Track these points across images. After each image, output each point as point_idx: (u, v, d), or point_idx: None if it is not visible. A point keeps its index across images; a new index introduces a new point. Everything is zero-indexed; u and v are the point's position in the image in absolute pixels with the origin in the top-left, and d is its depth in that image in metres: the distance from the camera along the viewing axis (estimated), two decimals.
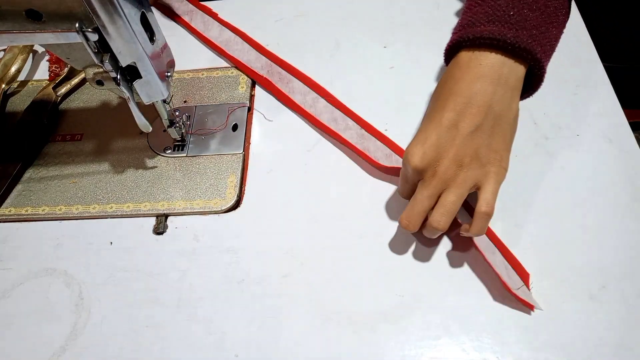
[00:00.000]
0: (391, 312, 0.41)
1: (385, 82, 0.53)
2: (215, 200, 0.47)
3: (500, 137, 0.39)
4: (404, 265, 0.43)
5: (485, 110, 0.38)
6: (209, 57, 0.58)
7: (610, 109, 0.49)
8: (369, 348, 0.40)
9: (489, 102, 0.38)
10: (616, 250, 0.42)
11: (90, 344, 0.42)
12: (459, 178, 0.39)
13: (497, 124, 0.39)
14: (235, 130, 0.52)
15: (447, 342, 0.39)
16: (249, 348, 0.40)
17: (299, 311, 0.42)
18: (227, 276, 0.44)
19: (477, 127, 0.39)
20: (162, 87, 0.42)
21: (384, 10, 0.59)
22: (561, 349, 0.38)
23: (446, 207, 0.39)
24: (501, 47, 0.39)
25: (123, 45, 0.38)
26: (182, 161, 0.50)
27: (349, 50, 0.57)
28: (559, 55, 0.52)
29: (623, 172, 0.45)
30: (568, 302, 0.40)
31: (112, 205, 0.48)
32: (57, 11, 0.36)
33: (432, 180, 0.39)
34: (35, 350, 0.42)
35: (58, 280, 0.45)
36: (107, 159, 0.51)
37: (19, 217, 0.48)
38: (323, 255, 0.44)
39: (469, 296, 0.41)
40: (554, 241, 0.43)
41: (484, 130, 0.39)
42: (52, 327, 0.43)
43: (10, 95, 0.57)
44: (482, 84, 0.39)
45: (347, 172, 0.48)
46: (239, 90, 0.54)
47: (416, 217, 0.40)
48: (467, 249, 0.43)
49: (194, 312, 0.42)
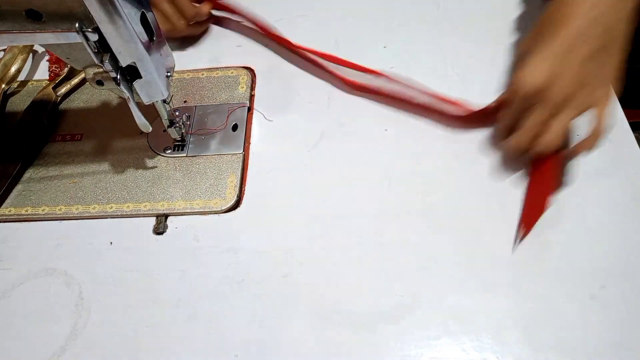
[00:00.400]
0: (391, 312, 0.41)
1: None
2: (215, 200, 0.47)
3: (614, 59, 0.40)
4: (404, 265, 0.43)
5: (603, 33, 0.39)
6: (209, 57, 0.58)
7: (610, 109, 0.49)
8: (368, 348, 0.40)
9: (608, 24, 0.39)
10: (616, 250, 0.42)
11: (90, 344, 0.42)
12: (578, 99, 0.40)
13: (613, 45, 0.40)
14: (235, 130, 0.52)
15: (447, 342, 0.39)
16: (249, 348, 0.40)
17: (299, 311, 0.42)
18: (227, 276, 0.44)
19: (597, 50, 0.40)
20: (162, 87, 0.42)
21: (384, 10, 0.59)
22: (561, 349, 0.38)
23: (563, 128, 0.40)
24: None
25: (123, 45, 0.38)
26: (182, 161, 0.50)
27: (349, 50, 0.56)
28: None
29: (623, 172, 0.45)
30: (568, 302, 0.40)
31: (112, 205, 0.48)
32: (57, 11, 0.36)
33: (549, 102, 0.40)
34: (35, 350, 0.42)
35: (58, 280, 0.45)
36: (107, 159, 0.51)
37: (19, 217, 0.48)
38: (323, 255, 0.44)
39: (469, 296, 0.41)
40: (554, 241, 0.43)
41: (602, 53, 0.40)
42: (52, 327, 0.43)
43: (10, 95, 0.57)
44: (600, 7, 0.40)
45: (347, 171, 0.48)
46: (239, 90, 0.54)
47: (527, 140, 0.41)
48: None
49: (194, 312, 0.42)
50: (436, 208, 0.45)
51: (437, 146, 0.49)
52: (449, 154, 0.48)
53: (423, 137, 0.49)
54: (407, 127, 0.50)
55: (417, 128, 0.50)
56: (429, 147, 0.49)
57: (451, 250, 0.43)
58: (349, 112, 0.52)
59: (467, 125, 0.49)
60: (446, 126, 0.49)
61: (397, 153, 0.49)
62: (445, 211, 0.45)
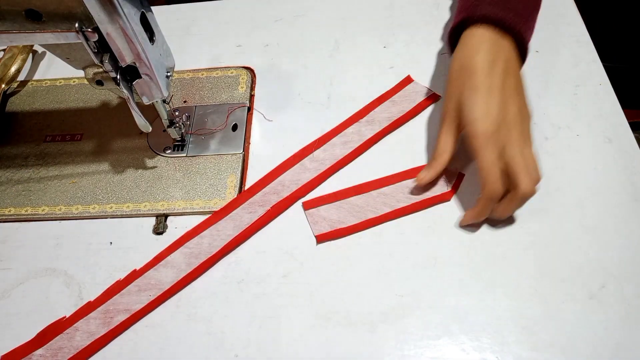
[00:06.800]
0: (391, 312, 0.41)
1: (385, 82, 0.53)
2: (215, 200, 0.47)
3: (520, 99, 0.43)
4: (404, 265, 0.43)
5: (505, 72, 0.42)
6: (209, 57, 0.58)
7: (610, 109, 0.49)
8: (368, 348, 0.40)
9: (505, 67, 0.42)
10: (616, 250, 0.42)
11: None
12: (520, 133, 0.41)
13: (518, 86, 0.43)
14: (235, 130, 0.52)
15: (447, 342, 0.39)
16: (249, 348, 0.40)
17: (299, 311, 0.42)
18: (227, 276, 0.44)
19: (510, 87, 0.42)
20: (162, 87, 0.42)
21: (384, 10, 0.59)
22: (561, 349, 0.38)
23: (532, 163, 0.41)
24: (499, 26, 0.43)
25: (123, 45, 0.38)
26: (182, 161, 0.50)
27: (348, 50, 0.57)
28: (559, 56, 0.53)
29: (623, 172, 0.45)
30: (568, 302, 0.40)
31: (111, 205, 0.48)
32: (57, 11, 0.36)
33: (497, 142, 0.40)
34: None
35: (58, 280, 0.45)
36: (107, 159, 0.51)
37: (19, 217, 0.48)
38: (323, 255, 0.44)
39: (469, 296, 0.41)
40: (554, 241, 0.43)
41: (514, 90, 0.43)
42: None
43: (10, 95, 0.57)
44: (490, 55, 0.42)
45: (347, 171, 0.48)
46: (239, 90, 0.54)
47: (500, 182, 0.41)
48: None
49: (194, 312, 0.42)
50: (436, 208, 0.45)
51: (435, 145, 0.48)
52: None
53: (421, 136, 0.49)
54: (406, 128, 0.50)
55: (414, 128, 0.50)
56: (427, 145, 0.49)
57: (451, 250, 0.43)
58: (349, 112, 0.52)
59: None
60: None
61: (398, 154, 0.49)
62: (445, 211, 0.45)
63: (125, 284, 0.43)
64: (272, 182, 0.48)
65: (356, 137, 0.49)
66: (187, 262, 0.44)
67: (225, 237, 0.45)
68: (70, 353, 0.41)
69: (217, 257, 0.44)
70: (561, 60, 0.52)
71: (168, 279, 0.43)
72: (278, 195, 0.47)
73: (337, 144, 0.49)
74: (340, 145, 0.49)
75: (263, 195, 0.47)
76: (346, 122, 0.51)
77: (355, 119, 0.51)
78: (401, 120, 0.50)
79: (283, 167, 0.48)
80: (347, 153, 0.48)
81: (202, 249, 0.44)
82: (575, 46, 0.53)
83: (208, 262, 0.44)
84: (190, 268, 0.43)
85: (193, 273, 0.43)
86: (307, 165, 0.48)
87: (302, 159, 0.49)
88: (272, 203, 0.46)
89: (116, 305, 0.42)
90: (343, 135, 0.50)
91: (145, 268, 0.44)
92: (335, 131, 0.50)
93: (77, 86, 0.57)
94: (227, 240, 0.45)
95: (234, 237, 0.45)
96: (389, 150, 0.49)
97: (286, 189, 0.47)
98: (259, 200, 0.47)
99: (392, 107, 0.51)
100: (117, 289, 0.43)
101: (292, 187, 0.47)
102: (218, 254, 0.44)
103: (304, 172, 0.48)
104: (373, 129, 0.50)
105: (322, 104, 0.53)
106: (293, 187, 0.47)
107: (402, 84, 0.52)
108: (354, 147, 0.49)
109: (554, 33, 0.54)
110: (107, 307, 0.42)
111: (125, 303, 0.42)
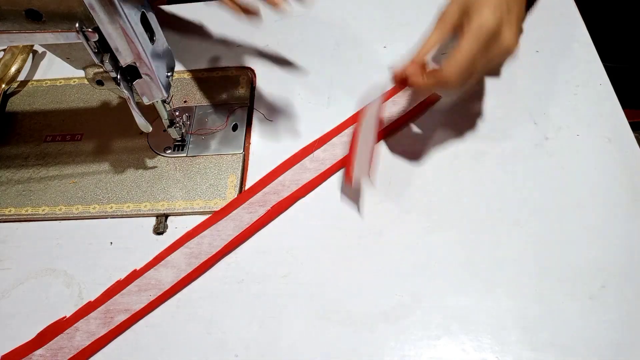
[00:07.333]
0: (391, 312, 0.41)
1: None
2: (215, 200, 0.47)
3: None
4: (404, 265, 0.43)
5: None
6: (209, 57, 0.58)
7: (610, 109, 0.49)
8: (368, 348, 0.40)
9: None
10: (616, 250, 0.42)
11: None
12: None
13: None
14: (235, 130, 0.52)
15: (447, 342, 0.39)
16: (249, 348, 0.40)
17: (299, 311, 0.42)
18: (227, 276, 0.44)
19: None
20: (162, 87, 0.42)
21: (384, 10, 0.59)
22: (561, 349, 0.38)
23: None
24: None
25: (123, 45, 0.38)
26: (182, 161, 0.50)
27: (349, 50, 0.57)
28: (559, 56, 0.53)
29: (623, 172, 0.45)
30: (568, 302, 0.40)
31: (112, 205, 0.48)
32: (57, 11, 0.36)
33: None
34: None
35: (58, 280, 0.45)
36: (107, 159, 0.51)
37: (19, 217, 0.48)
38: (323, 255, 0.44)
39: (469, 296, 0.41)
40: (554, 241, 0.43)
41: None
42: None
43: (10, 95, 0.57)
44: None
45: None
46: (239, 90, 0.54)
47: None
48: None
49: (194, 312, 0.42)
50: (436, 208, 0.45)
51: (437, 146, 0.49)
52: (449, 153, 0.48)
53: (422, 136, 0.49)
54: (406, 128, 0.50)
55: (417, 127, 0.50)
56: (429, 146, 0.49)
57: (451, 250, 0.43)
58: (349, 112, 0.52)
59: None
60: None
61: (397, 154, 0.49)
62: (445, 211, 0.45)
63: (125, 284, 0.43)
64: (272, 182, 0.48)
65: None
66: (188, 262, 0.44)
67: (225, 237, 0.45)
68: (71, 353, 0.41)
69: (218, 257, 0.44)
70: (561, 60, 0.52)
71: (168, 279, 0.43)
72: (278, 195, 0.47)
73: (337, 144, 0.49)
74: (340, 145, 0.49)
75: (263, 195, 0.47)
76: (346, 122, 0.51)
77: (355, 119, 0.51)
78: (401, 120, 0.50)
79: (283, 167, 0.48)
80: (347, 153, 0.48)
81: (202, 249, 0.44)
82: (575, 46, 0.53)
83: (208, 262, 0.44)
84: (191, 268, 0.44)
85: (193, 273, 0.43)
86: (307, 165, 0.48)
87: (302, 159, 0.49)
88: (272, 203, 0.46)
89: (116, 305, 0.42)
90: (343, 135, 0.50)
91: (146, 268, 0.44)
92: (335, 131, 0.50)
93: (77, 86, 0.57)
94: (227, 240, 0.45)
95: (234, 237, 0.45)
96: (389, 150, 0.49)
97: (286, 189, 0.47)
98: (259, 200, 0.47)
99: (393, 107, 0.51)
100: (117, 289, 0.43)
101: (292, 187, 0.47)
102: (218, 254, 0.44)
103: (304, 172, 0.48)
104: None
105: (322, 104, 0.53)
106: (293, 187, 0.47)
107: None
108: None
109: (554, 33, 0.54)
110: (107, 307, 0.42)
111: (125, 303, 0.42)
